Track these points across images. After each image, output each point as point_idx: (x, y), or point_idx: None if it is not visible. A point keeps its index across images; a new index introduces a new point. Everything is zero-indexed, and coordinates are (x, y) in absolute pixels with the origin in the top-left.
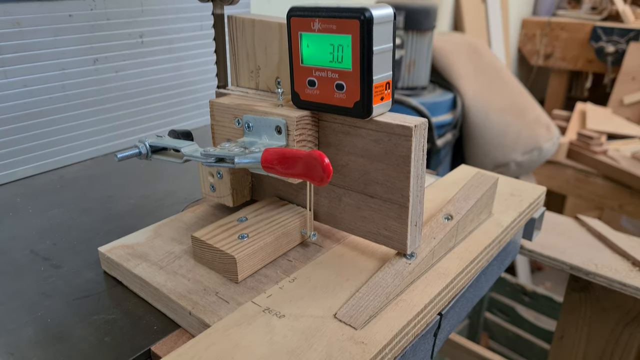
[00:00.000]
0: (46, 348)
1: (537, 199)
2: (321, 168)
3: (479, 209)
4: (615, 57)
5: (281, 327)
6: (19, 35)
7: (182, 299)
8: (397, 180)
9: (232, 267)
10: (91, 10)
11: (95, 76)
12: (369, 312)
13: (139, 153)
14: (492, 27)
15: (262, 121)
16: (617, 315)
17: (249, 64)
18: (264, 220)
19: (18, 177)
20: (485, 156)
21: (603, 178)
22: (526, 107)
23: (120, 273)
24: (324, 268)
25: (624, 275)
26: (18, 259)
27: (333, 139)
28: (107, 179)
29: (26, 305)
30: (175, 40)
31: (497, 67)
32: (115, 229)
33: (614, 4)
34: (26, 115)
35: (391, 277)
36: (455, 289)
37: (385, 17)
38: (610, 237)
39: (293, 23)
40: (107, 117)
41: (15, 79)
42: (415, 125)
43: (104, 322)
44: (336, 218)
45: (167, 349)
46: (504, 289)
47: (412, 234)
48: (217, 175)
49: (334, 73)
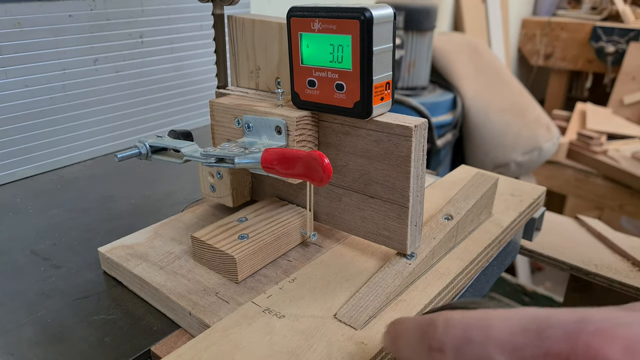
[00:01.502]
0: (46, 348)
1: (537, 199)
2: (321, 168)
3: (479, 209)
4: (615, 57)
5: (281, 327)
6: (20, 35)
7: (182, 299)
8: (397, 181)
9: (232, 267)
10: (91, 11)
11: (95, 76)
12: (369, 313)
13: (139, 153)
14: (492, 27)
15: (262, 121)
16: None
17: (249, 64)
18: (264, 221)
19: (18, 177)
20: (485, 156)
21: (603, 178)
22: (526, 107)
23: (120, 273)
24: (324, 268)
25: (624, 276)
26: (18, 259)
27: (333, 139)
28: (107, 179)
29: (26, 305)
30: (175, 40)
31: (497, 67)
32: (115, 229)
33: (614, 4)
34: (26, 115)
35: (391, 277)
36: (455, 289)
37: (385, 17)
38: (610, 237)
39: (293, 23)
40: (107, 117)
41: (15, 79)
42: (415, 125)
43: (103, 322)
44: (336, 218)
45: (167, 350)
46: (504, 289)
47: (412, 234)
48: (217, 176)
49: (334, 73)
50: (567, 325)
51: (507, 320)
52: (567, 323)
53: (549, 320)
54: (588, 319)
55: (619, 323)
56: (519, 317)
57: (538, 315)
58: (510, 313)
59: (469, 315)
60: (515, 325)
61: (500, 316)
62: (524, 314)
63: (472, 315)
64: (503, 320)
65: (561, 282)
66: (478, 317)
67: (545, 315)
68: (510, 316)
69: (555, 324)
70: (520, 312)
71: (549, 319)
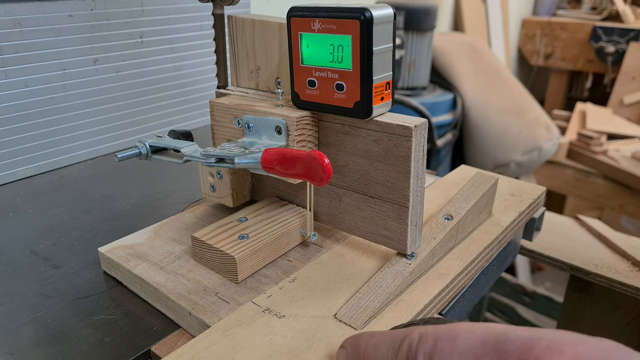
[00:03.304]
0: (46, 348)
1: (537, 199)
2: (321, 168)
3: (479, 209)
4: (615, 57)
5: (281, 327)
6: (20, 35)
7: (182, 299)
8: (397, 181)
9: (232, 267)
10: (91, 11)
11: (95, 76)
12: (369, 313)
13: (139, 153)
14: (492, 27)
15: (262, 121)
16: (617, 316)
17: (249, 64)
18: (264, 221)
19: (18, 177)
20: (485, 156)
21: (603, 178)
22: (526, 107)
23: (120, 273)
24: (324, 268)
25: (624, 276)
26: (18, 259)
27: (333, 139)
28: (107, 179)
29: (26, 305)
30: (175, 40)
31: (497, 67)
32: (115, 229)
33: (614, 4)
34: (27, 115)
35: (391, 277)
36: (455, 289)
37: (385, 17)
38: (610, 237)
39: (293, 23)
40: (107, 117)
41: (16, 79)
42: (415, 125)
43: (103, 322)
44: (336, 218)
45: (167, 350)
46: (504, 289)
47: (412, 234)
48: (217, 176)
49: (334, 73)
50: (521, 340)
51: (471, 333)
52: (522, 339)
53: (507, 335)
54: (541, 337)
55: (568, 342)
56: (481, 331)
57: (498, 330)
58: (474, 327)
59: (439, 328)
60: (478, 338)
61: (465, 329)
62: (486, 328)
63: (442, 328)
64: (467, 333)
65: (561, 282)
66: (446, 329)
67: (503, 331)
68: (473, 329)
69: (512, 339)
70: (483, 326)
71: (507, 334)
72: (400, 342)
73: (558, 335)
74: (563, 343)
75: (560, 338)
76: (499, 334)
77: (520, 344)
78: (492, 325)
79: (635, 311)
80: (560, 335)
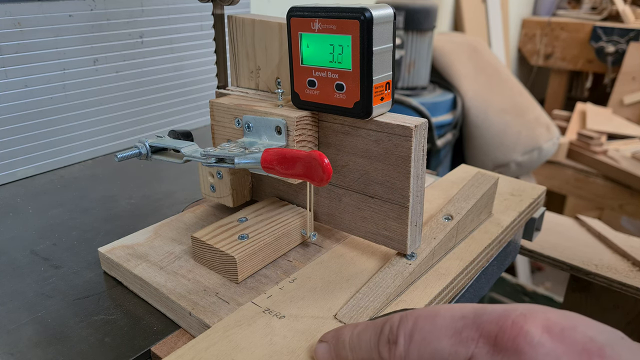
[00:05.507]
0: (46, 348)
1: (537, 199)
2: (321, 168)
3: (479, 209)
4: (616, 57)
5: (281, 327)
6: (20, 35)
7: (182, 300)
8: (397, 181)
9: (232, 267)
10: (91, 11)
11: (95, 76)
12: (369, 313)
13: (139, 153)
14: (492, 27)
15: (262, 121)
16: (617, 316)
17: (249, 64)
18: (264, 221)
19: (18, 177)
20: (485, 156)
21: (603, 178)
22: (526, 107)
23: (120, 273)
24: (324, 268)
25: (624, 276)
26: (18, 259)
27: (333, 139)
28: (108, 179)
29: (26, 305)
30: (175, 40)
31: (497, 67)
32: (115, 229)
33: (614, 4)
34: (27, 115)
35: (391, 277)
36: (455, 289)
37: (385, 17)
38: (610, 237)
39: (293, 23)
40: (107, 117)
41: (15, 79)
42: (415, 125)
43: (104, 322)
44: (336, 218)
45: (167, 350)
46: (504, 289)
47: (412, 234)
48: (217, 176)
49: (333, 73)
50: (497, 311)
51: (451, 310)
52: (498, 310)
53: (484, 309)
54: (516, 307)
55: (539, 310)
56: (460, 308)
57: (476, 306)
58: (454, 306)
59: (419, 310)
60: (457, 314)
61: (446, 308)
62: (464, 306)
63: (422, 310)
64: (447, 311)
65: (561, 282)
66: (427, 310)
67: (481, 307)
68: (453, 308)
69: (489, 311)
70: (463, 305)
71: (484, 308)
72: (382, 325)
73: (530, 306)
74: (535, 311)
75: (532, 307)
76: (477, 308)
77: (497, 314)
78: (470, 304)
79: (635, 311)
80: (532, 306)
